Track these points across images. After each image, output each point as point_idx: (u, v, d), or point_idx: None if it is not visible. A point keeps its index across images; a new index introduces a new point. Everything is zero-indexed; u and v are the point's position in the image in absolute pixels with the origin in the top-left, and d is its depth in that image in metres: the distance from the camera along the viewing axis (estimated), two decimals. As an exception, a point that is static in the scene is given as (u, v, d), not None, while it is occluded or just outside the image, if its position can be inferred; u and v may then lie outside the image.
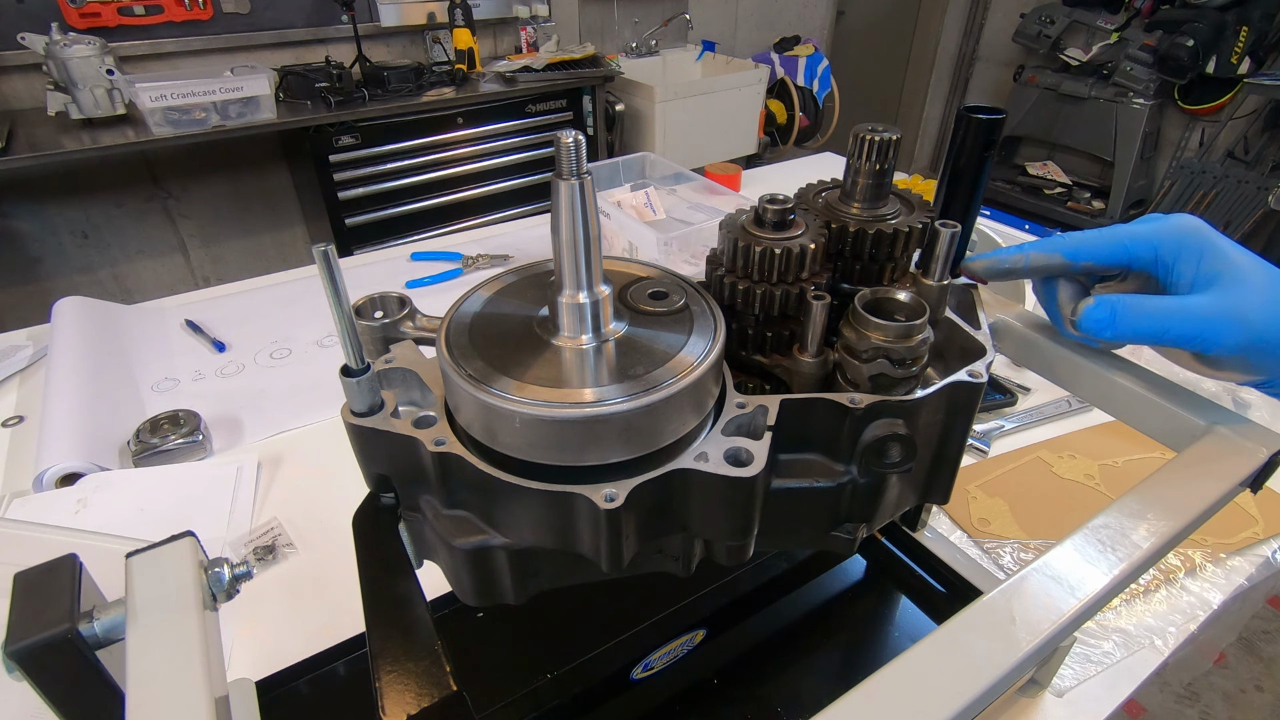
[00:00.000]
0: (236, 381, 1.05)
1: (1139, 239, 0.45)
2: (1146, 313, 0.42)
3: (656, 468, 0.34)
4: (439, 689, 0.30)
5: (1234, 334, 0.41)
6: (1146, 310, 0.42)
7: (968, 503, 0.84)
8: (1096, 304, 0.43)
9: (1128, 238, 0.45)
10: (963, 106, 0.46)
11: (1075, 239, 0.47)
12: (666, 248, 1.12)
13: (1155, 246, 0.44)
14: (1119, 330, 0.43)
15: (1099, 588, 0.35)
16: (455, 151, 2.69)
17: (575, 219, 0.33)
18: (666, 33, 3.54)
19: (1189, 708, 1.84)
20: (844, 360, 0.40)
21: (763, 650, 0.65)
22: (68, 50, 2.07)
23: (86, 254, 2.69)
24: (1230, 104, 3.44)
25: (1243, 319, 0.41)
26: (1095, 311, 0.43)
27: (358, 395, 0.36)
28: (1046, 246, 0.47)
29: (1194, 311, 0.42)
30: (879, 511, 0.42)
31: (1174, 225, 0.45)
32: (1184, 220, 0.45)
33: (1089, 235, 0.46)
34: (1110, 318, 0.43)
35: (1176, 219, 0.45)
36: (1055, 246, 0.47)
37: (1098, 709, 0.63)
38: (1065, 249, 0.46)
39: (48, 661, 0.31)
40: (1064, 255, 0.46)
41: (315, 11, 2.68)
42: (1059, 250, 0.46)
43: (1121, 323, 0.43)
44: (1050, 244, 0.47)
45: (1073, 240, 0.46)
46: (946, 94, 4.88)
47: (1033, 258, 0.47)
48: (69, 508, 0.79)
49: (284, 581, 0.74)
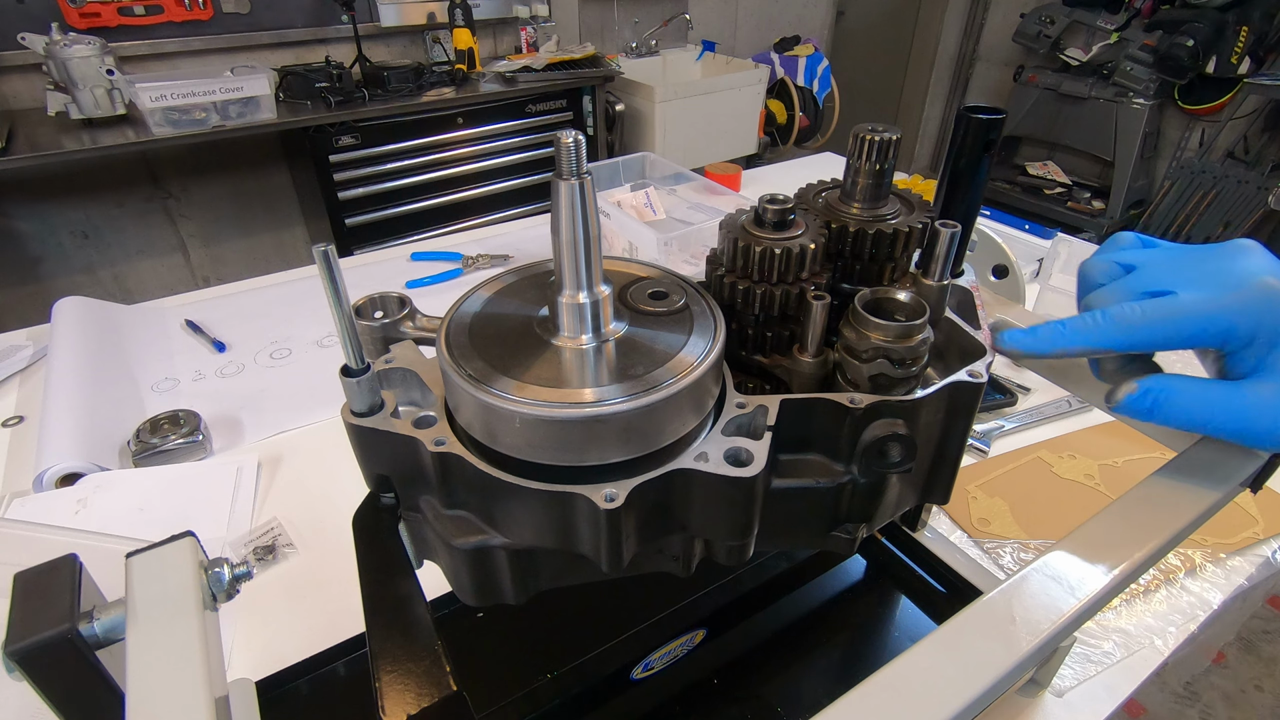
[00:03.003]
0: (236, 381, 1.05)
1: (1206, 321, 0.38)
2: (1188, 406, 0.39)
3: (656, 468, 0.34)
4: (439, 689, 0.30)
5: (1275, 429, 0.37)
6: (1189, 403, 0.39)
7: (968, 503, 0.84)
8: (1141, 394, 0.40)
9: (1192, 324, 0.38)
10: (963, 106, 0.46)
11: (1130, 322, 0.39)
12: (666, 248, 1.12)
13: (1226, 332, 0.38)
14: (1159, 419, 0.40)
15: (1099, 588, 0.35)
16: (455, 151, 2.69)
17: (575, 219, 0.33)
18: (666, 33, 3.54)
19: (1189, 708, 1.84)
20: (844, 360, 0.40)
21: (763, 650, 0.65)
22: (68, 50, 2.07)
23: (86, 254, 2.69)
24: (1230, 104, 3.44)
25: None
26: (1138, 402, 0.40)
27: (358, 395, 0.36)
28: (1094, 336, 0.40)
29: (1242, 404, 0.38)
30: (879, 511, 0.42)
31: (1254, 300, 0.38)
32: (1263, 288, 0.38)
33: (1150, 316, 0.39)
34: (1151, 407, 0.39)
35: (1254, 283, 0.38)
36: (1106, 336, 0.40)
37: (1098, 709, 0.63)
38: (1118, 339, 0.40)
39: (48, 661, 0.31)
40: (1116, 349, 0.40)
41: (315, 11, 2.68)
42: (1111, 344, 0.40)
43: (1161, 413, 0.39)
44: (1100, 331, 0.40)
45: (1126, 325, 0.39)
46: (946, 94, 4.88)
47: (1079, 351, 0.41)
48: (69, 508, 0.79)
49: (284, 581, 0.74)
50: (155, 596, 0.33)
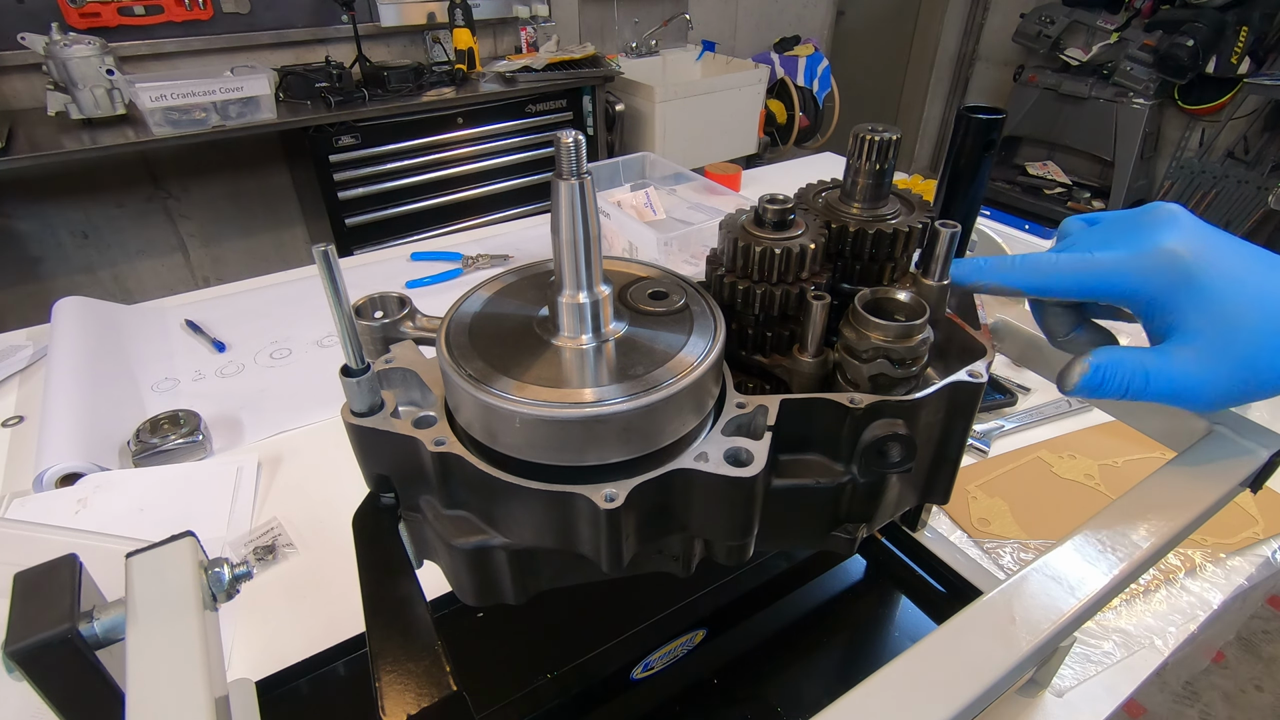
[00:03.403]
0: (236, 381, 1.05)
1: (1112, 278, 0.41)
2: (1129, 374, 0.40)
3: (656, 468, 0.34)
4: (439, 689, 0.30)
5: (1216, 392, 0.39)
6: (1129, 371, 0.40)
7: (968, 503, 0.84)
8: (1092, 371, 0.41)
9: (1098, 276, 0.41)
10: (962, 106, 0.46)
11: (1040, 268, 0.42)
12: (666, 248, 1.12)
13: (1128, 292, 0.41)
14: (1104, 394, 0.41)
15: (1099, 588, 0.35)
16: (455, 151, 2.69)
17: (575, 219, 0.33)
18: (666, 33, 3.54)
19: (1189, 707, 1.84)
20: (844, 360, 0.40)
21: (763, 650, 0.65)
22: (68, 50, 2.07)
23: (86, 254, 2.69)
24: (1230, 104, 3.44)
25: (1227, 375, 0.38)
26: (1090, 379, 0.41)
27: (358, 395, 0.36)
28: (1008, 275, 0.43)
29: (1168, 366, 0.40)
30: (879, 511, 0.42)
31: (1151, 263, 0.40)
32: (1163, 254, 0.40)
33: (1059, 267, 0.42)
34: (1101, 383, 0.41)
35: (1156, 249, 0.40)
36: (1017, 277, 0.43)
37: (1098, 709, 0.63)
38: (1027, 281, 0.43)
39: (48, 661, 0.31)
40: (1025, 290, 0.43)
41: (315, 11, 2.68)
42: (1019, 284, 0.43)
43: (1109, 388, 0.41)
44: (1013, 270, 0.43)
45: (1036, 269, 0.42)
46: (946, 94, 4.88)
47: (991, 287, 0.44)
48: (69, 508, 0.79)
49: (284, 581, 0.74)
50: (155, 596, 0.33)
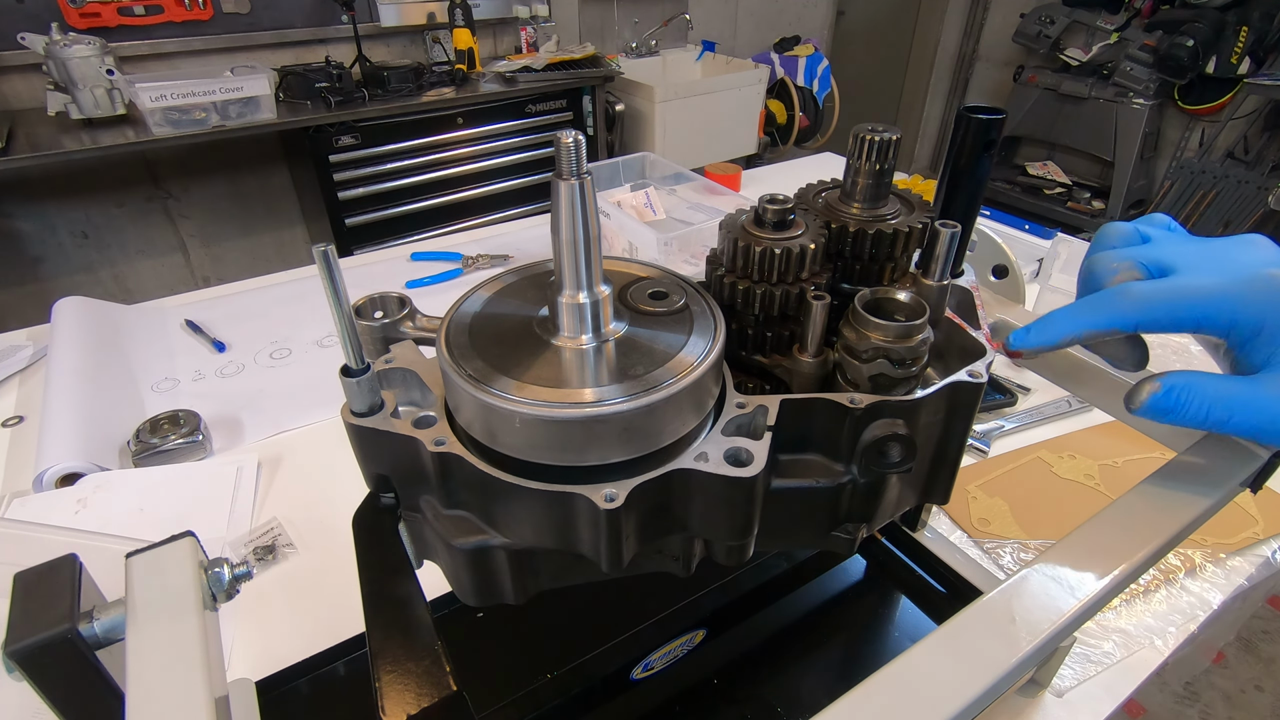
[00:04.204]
0: (236, 381, 1.05)
1: (1212, 308, 0.38)
2: (1210, 403, 0.38)
3: (656, 468, 0.34)
4: (439, 689, 0.30)
5: None
6: (1210, 400, 0.38)
7: (968, 503, 0.84)
8: (1165, 393, 0.38)
9: (1198, 307, 0.38)
10: (962, 106, 0.46)
11: (1135, 302, 0.39)
12: (666, 248, 1.12)
13: (1232, 318, 0.38)
14: (1179, 419, 0.38)
15: (1099, 588, 0.35)
16: (455, 151, 2.69)
17: (575, 219, 0.33)
18: (666, 33, 3.54)
19: (1189, 707, 1.84)
20: (844, 360, 0.40)
21: (763, 650, 0.65)
22: (68, 50, 2.07)
23: (86, 254, 2.69)
24: (1230, 104, 3.44)
25: None
26: (1162, 401, 0.38)
27: (358, 395, 0.36)
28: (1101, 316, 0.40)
29: (1263, 400, 0.37)
30: (879, 512, 0.42)
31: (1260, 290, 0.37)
32: (1268, 280, 0.38)
33: (1152, 297, 0.39)
34: (1174, 406, 0.38)
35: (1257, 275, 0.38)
36: (1112, 317, 0.39)
37: (1098, 709, 0.63)
38: (1124, 319, 0.39)
39: (48, 661, 0.31)
40: (1123, 329, 0.40)
41: (315, 11, 2.68)
42: (1116, 324, 0.39)
43: (1182, 412, 0.38)
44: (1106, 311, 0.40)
45: (1132, 305, 0.39)
46: (946, 94, 4.88)
47: (1086, 336, 0.41)
48: (69, 508, 0.79)
49: (284, 581, 0.74)
50: (155, 596, 0.33)
